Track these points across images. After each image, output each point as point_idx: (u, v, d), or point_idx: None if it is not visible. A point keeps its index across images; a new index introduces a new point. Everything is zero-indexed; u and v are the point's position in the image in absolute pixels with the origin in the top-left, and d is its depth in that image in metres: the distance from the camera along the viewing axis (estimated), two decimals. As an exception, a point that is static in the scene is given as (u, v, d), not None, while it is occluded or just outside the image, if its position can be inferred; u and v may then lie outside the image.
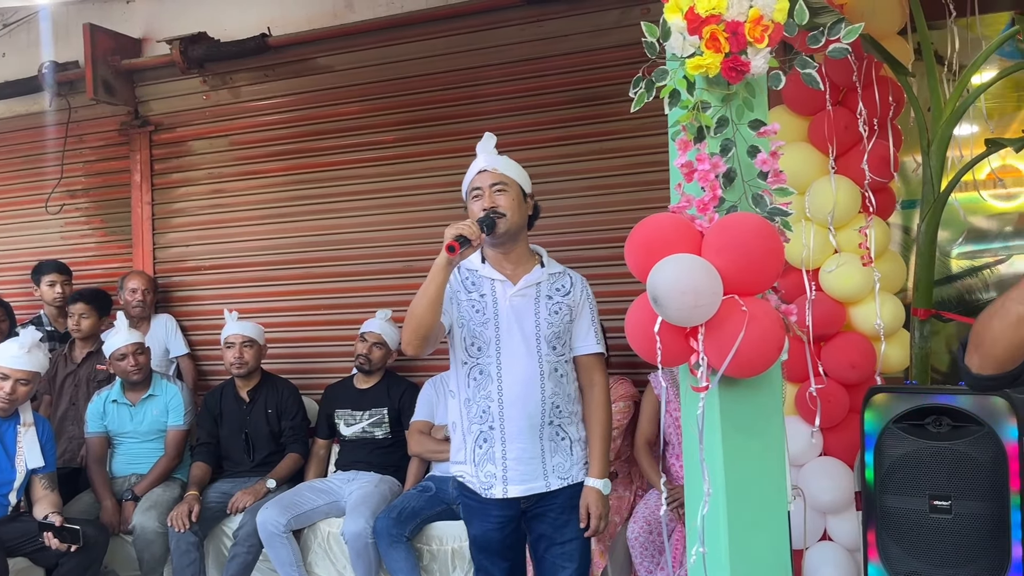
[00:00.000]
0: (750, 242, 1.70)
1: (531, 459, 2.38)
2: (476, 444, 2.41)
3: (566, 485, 2.42)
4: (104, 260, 5.09)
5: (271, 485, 3.84)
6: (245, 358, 3.99)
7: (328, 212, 4.56)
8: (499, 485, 2.38)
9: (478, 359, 2.39)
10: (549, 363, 2.40)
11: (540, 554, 2.46)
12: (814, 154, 2.83)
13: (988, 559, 2.09)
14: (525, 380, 2.36)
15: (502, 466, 2.38)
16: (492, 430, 2.38)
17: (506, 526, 2.43)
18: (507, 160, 2.44)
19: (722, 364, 1.69)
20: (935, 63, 2.72)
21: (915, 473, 2.18)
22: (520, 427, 2.36)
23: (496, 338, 2.37)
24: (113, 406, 3.98)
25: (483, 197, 2.38)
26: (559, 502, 2.41)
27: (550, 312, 2.41)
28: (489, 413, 2.38)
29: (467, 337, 2.40)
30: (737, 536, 1.78)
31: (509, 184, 2.40)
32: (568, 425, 2.44)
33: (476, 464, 2.41)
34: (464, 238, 2.19)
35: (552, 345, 2.40)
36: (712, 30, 1.71)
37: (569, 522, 2.41)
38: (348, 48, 4.48)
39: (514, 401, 2.36)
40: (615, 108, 3.91)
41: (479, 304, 2.39)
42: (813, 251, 2.75)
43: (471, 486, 2.44)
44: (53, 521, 3.32)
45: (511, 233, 2.39)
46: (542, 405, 2.38)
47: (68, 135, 5.13)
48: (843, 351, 2.78)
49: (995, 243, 3.48)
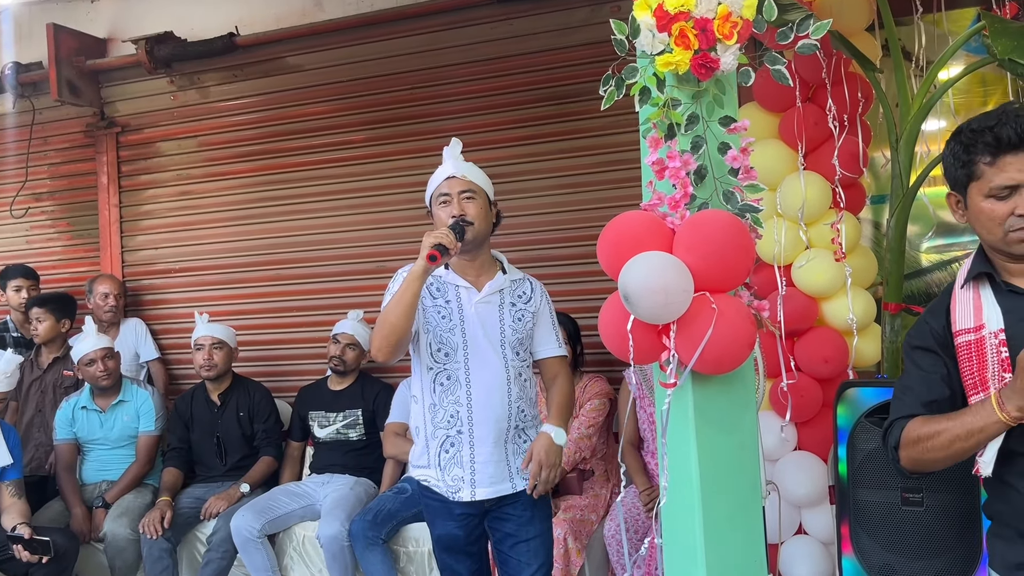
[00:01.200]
0: (721, 239, 1.70)
1: (498, 462, 2.42)
2: (442, 448, 2.42)
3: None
4: (71, 264, 5.01)
5: (245, 490, 3.80)
6: (215, 360, 3.94)
7: (298, 213, 4.52)
8: (467, 488, 2.41)
9: (445, 365, 2.41)
10: (514, 368, 2.44)
11: (505, 553, 2.48)
12: (785, 151, 2.85)
13: (960, 551, 2.11)
14: (493, 385, 2.40)
15: (470, 469, 2.40)
16: (460, 434, 2.40)
17: (469, 524, 2.46)
18: (474, 167, 2.47)
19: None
20: (903, 59, 2.74)
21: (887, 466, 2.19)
22: (488, 431, 2.40)
23: (463, 344, 2.41)
24: (82, 412, 3.92)
25: (451, 204, 2.40)
26: (523, 499, 2.44)
27: (514, 319, 2.45)
28: (457, 418, 2.40)
29: (433, 343, 2.41)
30: (712, 531, 1.79)
31: (477, 192, 2.43)
32: (530, 428, 2.49)
33: (442, 468, 2.42)
34: (443, 247, 2.22)
35: (516, 351, 2.45)
36: (681, 27, 1.71)
37: (533, 519, 2.45)
38: (317, 47, 4.44)
39: (483, 406, 2.39)
40: (584, 106, 3.91)
41: (445, 310, 2.42)
42: (785, 247, 2.77)
43: (436, 489, 2.45)
44: (22, 533, 3.27)
45: (477, 241, 2.42)
46: (509, 409, 2.42)
47: (32, 137, 5.04)
48: (816, 346, 2.80)
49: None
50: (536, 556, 2.45)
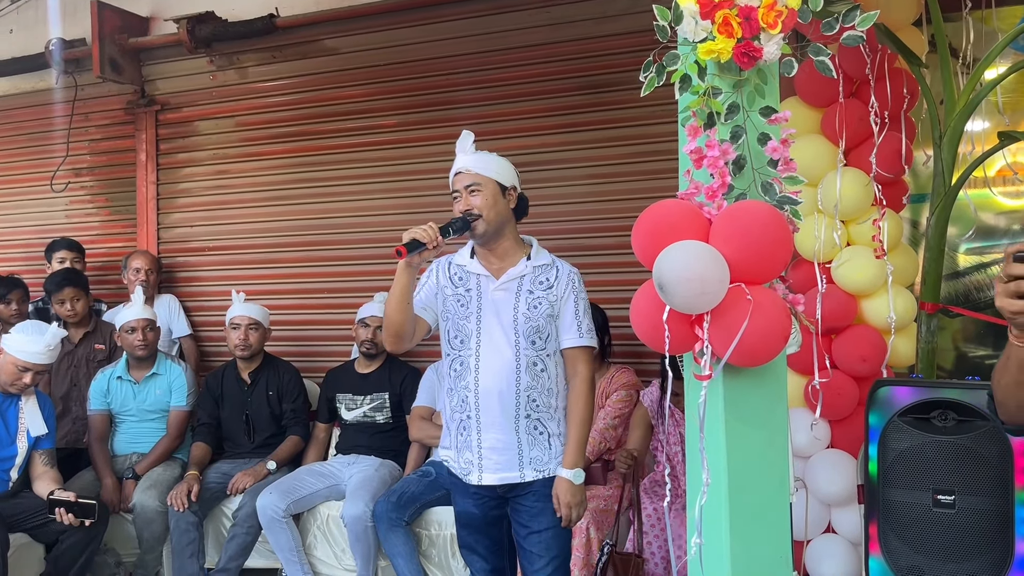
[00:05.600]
0: (758, 230, 1.68)
1: (506, 449, 2.42)
2: (458, 431, 2.48)
3: (541, 477, 2.44)
4: (108, 239, 5.08)
5: (271, 467, 3.84)
6: (250, 340, 3.99)
7: (332, 195, 4.55)
8: (475, 472, 2.45)
9: (460, 351, 2.45)
10: (527, 357, 2.42)
11: (519, 541, 2.50)
12: (826, 146, 2.81)
13: (991, 554, 2.08)
14: (500, 373, 2.40)
15: (477, 454, 2.44)
16: (469, 419, 2.44)
17: (485, 504, 2.50)
18: (483, 156, 2.45)
19: (726, 352, 1.68)
20: (949, 55, 2.69)
21: (919, 467, 2.16)
22: (493, 418, 2.41)
23: (477, 331, 2.43)
24: (117, 383, 3.98)
25: (461, 199, 2.42)
26: (534, 491, 2.44)
27: (528, 306, 2.43)
28: (466, 403, 2.44)
29: (451, 330, 2.47)
30: (738, 527, 1.77)
31: (483, 183, 2.41)
32: (548, 420, 2.46)
33: (457, 450, 2.50)
34: (416, 242, 2.25)
35: (531, 340, 2.41)
36: (725, 15, 1.69)
37: (544, 511, 2.43)
38: (355, 31, 4.45)
39: (488, 392, 2.41)
40: (620, 96, 3.89)
41: (464, 298, 2.45)
42: (824, 244, 2.73)
43: (453, 470, 2.53)
44: (66, 497, 3.32)
45: (491, 232, 2.41)
46: (516, 398, 2.41)
47: (74, 113, 5.12)
48: (854, 344, 2.76)
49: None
50: (548, 549, 2.44)
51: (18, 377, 3.38)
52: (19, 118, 5.34)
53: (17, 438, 3.45)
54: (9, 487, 3.44)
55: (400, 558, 3.39)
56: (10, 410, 3.46)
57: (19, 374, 3.38)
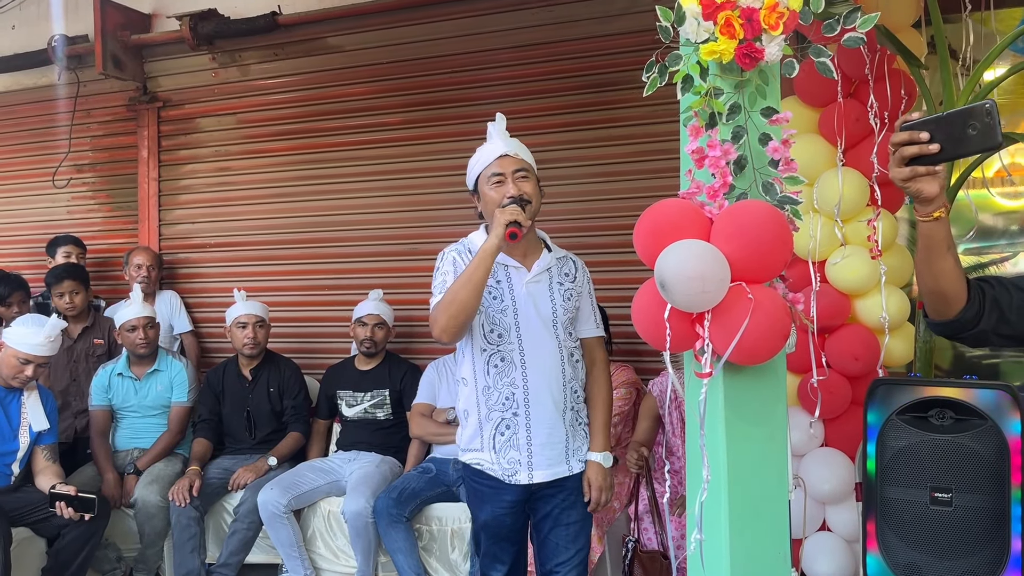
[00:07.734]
0: (759, 229, 1.69)
1: (556, 444, 2.38)
2: (497, 431, 2.37)
3: (582, 469, 2.43)
4: (110, 235, 5.10)
5: (272, 463, 3.86)
6: (258, 338, 4.02)
7: (333, 193, 4.57)
8: (524, 471, 2.36)
9: (499, 346, 2.36)
10: (567, 348, 2.40)
11: (544, 535, 2.45)
12: (824, 146, 2.82)
13: (987, 552, 2.09)
14: (548, 366, 2.36)
15: (527, 452, 2.36)
16: (516, 416, 2.36)
17: (516, 510, 2.42)
18: (523, 145, 2.42)
19: (727, 350, 1.69)
20: (948, 57, 2.70)
21: (917, 465, 2.18)
22: (546, 413, 2.36)
23: (516, 325, 2.36)
24: (118, 379, 4.00)
25: (505, 183, 2.33)
26: (569, 483, 2.41)
27: (564, 298, 2.42)
28: (513, 400, 2.35)
29: (486, 324, 2.35)
30: (737, 524, 1.79)
31: (530, 171, 2.39)
32: (583, 410, 2.46)
33: (496, 451, 2.37)
34: (519, 223, 2.19)
35: (568, 330, 2.42)
36: (727, 16, 1.70)
37: (575, 504, 2.42)
38: (358, 28, 4.47)
39: (539, 387, 2.35)
40: (622, 95, 3.91)
41: (496, 291, 2.36)
42: (820, 243, 2.75)
43: (491, 473, 2.39)
44: (67, 491, 3.33)
45: (532, 221, 2.36)
46: (564, 390, 2.39)
47: (76, 109, 5.14)
48: (847, 343, 2.78)
49: (1001, 240, 3.47)
50: (575, 542, 2.42)
51: (20, 370, 3.39)
52: (21, 114, 5.36)
53: (19, 433, 3.46)
54: (11, 481, 3.46)
55: (400, 554, 3.40)
56: (12, 405, 3.47)
57: (20, 367, 3.39)
